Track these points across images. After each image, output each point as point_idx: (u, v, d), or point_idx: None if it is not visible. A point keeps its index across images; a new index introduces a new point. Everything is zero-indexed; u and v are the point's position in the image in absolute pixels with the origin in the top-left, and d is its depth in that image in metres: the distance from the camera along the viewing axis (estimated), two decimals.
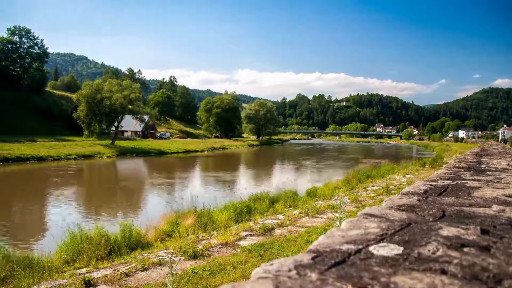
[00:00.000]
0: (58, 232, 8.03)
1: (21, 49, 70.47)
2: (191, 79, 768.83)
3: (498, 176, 3.29)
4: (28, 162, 31.65)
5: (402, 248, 1.06)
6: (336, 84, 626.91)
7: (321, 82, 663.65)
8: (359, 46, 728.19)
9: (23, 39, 71.16)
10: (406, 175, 18.22)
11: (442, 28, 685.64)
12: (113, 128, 51.32)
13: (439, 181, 2.86)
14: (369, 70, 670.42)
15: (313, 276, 0.83)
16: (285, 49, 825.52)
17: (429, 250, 1.04)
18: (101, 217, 13.66)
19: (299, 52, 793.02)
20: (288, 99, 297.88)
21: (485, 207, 1.77)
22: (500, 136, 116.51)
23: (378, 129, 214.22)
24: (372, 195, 12.24)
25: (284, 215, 9.79)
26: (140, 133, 71.63)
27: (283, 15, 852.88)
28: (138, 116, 52.27)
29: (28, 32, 71.54)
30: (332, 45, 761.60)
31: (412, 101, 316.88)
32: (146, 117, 58.07)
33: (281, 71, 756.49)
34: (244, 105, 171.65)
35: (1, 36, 68.95)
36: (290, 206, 11.40)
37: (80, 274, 5.80)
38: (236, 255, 6.24)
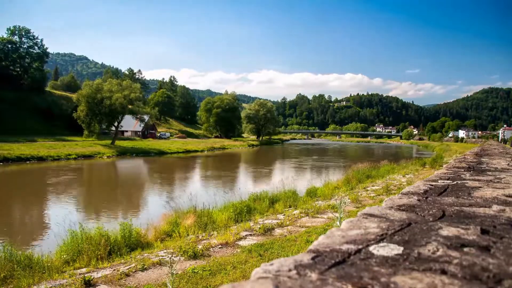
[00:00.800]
0: (58, 232, 8.03)
1: (21, 49, 70.47)
2: (204, 79, 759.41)
3: (498, 176, 3.29)
4: (28, 162, 31.68)
5: (402, 248, 1.06)
6: (352, 84, 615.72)
7: (339, 82, 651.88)
8: (378, 48, 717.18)
9: (23, 39, 71.20)
10: (406, 175, 18.22)
11: (459, 30, 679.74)
12: (113, 128, 51.34)
13: (439, 181, 2.86)
14: (388, 72, 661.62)
15: (313, 276, 0.83)
16: (304, 50, 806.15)
17: (429, 250, 1.04)
18: (101, 217, 13.66)
19: (318, 53, 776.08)
20: (288, 99, 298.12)
21: (485, 207, 1.77)
22: (500, 136, 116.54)
23: (378, 129, 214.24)
24: (372, 195, 12.24)
25: (284, 215, 9.79)
26: (140, 133, 71.64)
27: (300, 16, 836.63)
28: (138, 116, 52.28)
29: (28, 32, 71.56)
30: (351, 46, 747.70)
31: (412, 101, 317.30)
32: (146, 117, 58.08)
33: (299, 71, 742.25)
34: (244, 105, 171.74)
35: (1, 36, 68.99)
36: (290, 206, 11.40)
37: (80, 274, 5.80)
38: (236, 255, 6.24)
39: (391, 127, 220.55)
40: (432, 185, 2.56)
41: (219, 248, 6.72)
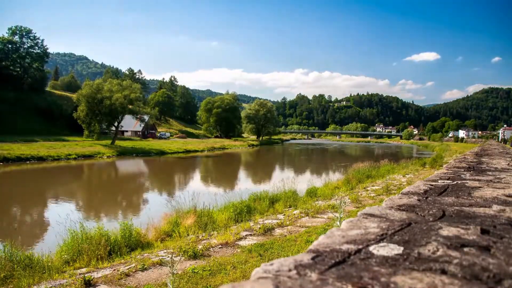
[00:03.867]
0: (58, 231, 8.03)
1: (22, 49, 70.49)
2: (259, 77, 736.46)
3: (498, 176, 3.29)
4: (28, 162, 31.66)
5: (402, 248, 1.06)
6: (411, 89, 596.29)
7: (400, 87, 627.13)
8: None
9: (24, 39, 71.22)
10: (406, 175, 18.21)
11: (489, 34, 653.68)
12: (113, 128, 51.31)
13: (439, 181, 2.86)
14: (449, 78, 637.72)
15: (313, 276, 0.83)
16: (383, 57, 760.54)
17: (429, 250, 1.04)
18: (101, 217, 13.67)
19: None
20: (288, 99, 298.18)
21: (485, 207, 1.77)
22: (500, 136, 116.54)
23: (378, 129, 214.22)
24: (372, 195, 12.24)
25: (284, 215, 9.79)
26: (140, 133, 71.66)
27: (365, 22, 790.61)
28: (138, 116, 52.26)
29: (28, 32, 71.58)
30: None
31: (412, 101, 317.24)
32: (146, 117, 58.04)
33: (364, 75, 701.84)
34: (244, 105, 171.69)
35: (1, 36, 68.97)
36: (290, 206, 11.40)
37: (80, 274, 5.80)
38: (236, 255, 6.24)
39: (391, 127, 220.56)
40: (432, 185, 2.56)
41: (219, 248, 6.72)
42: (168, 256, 5.98)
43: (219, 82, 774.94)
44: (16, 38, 70.17)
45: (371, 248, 1.05)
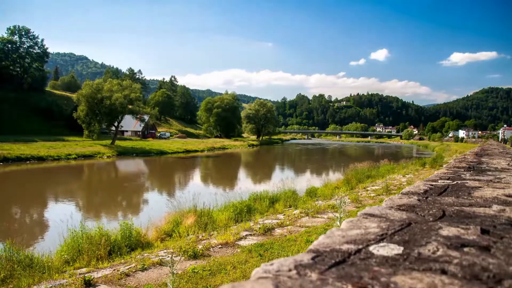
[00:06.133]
0: (58, 232, 8.03)
1: (21, 49, 70.47)
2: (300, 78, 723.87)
3: (498, 176, 3.29)
4: (28, 162, 31.66)
5: (402, 248, 1.06)
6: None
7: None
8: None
9: (23, 39, 71.19)
10: (406, 175, 18.20)
11: None
12: (113, 128, 51.29)
13: (439, 181, 2.86)
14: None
15: (313, 276, 0.83)
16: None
17: (429, 250, 1.04)
18: (102, 216, 13.67)
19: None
20: (288, 99, 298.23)
21: (485, 207, 1.77)
22: (500, 136, 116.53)
23: (378, 129, 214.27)
24: (372, 195, 12.23)
25: (284, 215, 9.79)
26: (140, 133, 71.66)
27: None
28: (138, 116, 52.24)
29: (28, 32, 71.57)
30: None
31: (412, 101, 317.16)
32: (146, 117, 58.03)
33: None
34: (244, 105, 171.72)
35: (1, 36, 68.97)
36: (290, 206, 11.40)
37: (80, 274, 5.80)
38: (236, 255, 6.24)
39: (391, 127, 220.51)
40: (432, 185, 2.56)
41: (219, 248, 6.72)
42: (168, 256, 5.98)
43: (261, 82, 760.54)
44: (16, 38, 70.15)
45: (371, 248, 1.05)
